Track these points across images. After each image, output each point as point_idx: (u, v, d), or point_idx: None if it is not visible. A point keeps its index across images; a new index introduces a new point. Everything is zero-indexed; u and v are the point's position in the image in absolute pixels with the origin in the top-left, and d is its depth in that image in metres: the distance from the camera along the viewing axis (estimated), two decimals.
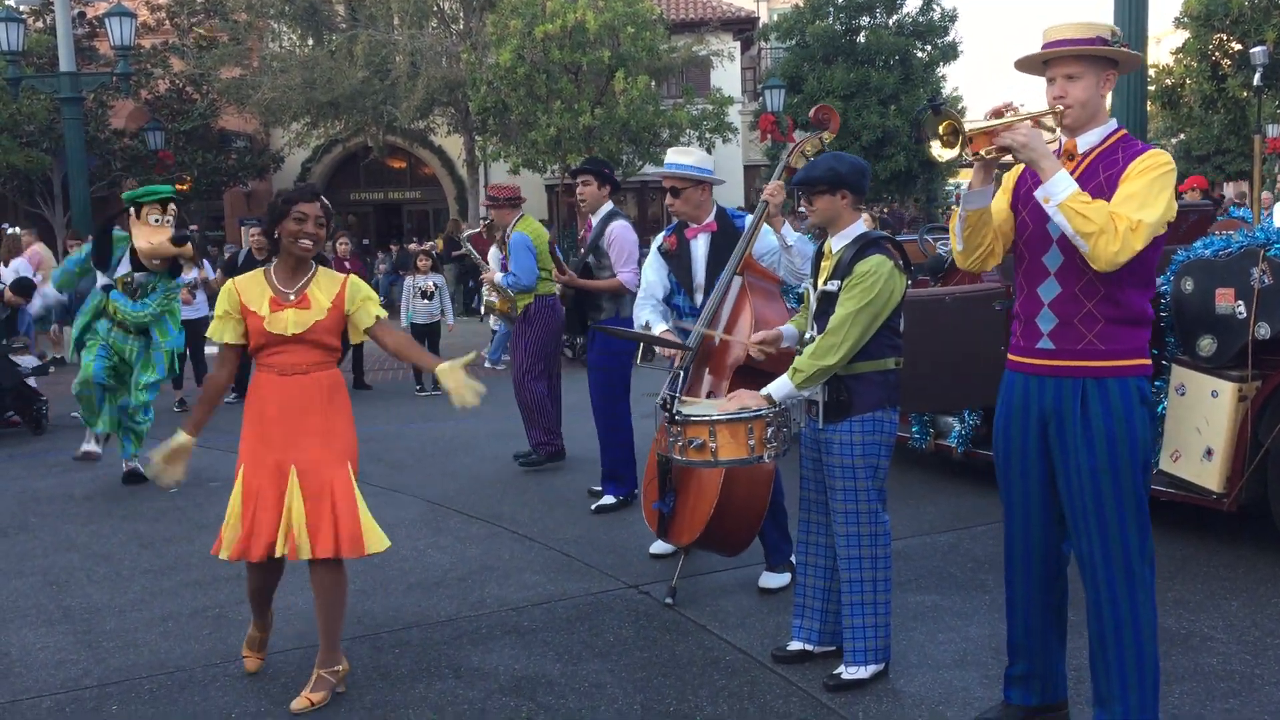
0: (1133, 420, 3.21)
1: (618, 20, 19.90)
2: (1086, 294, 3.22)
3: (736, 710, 3.82)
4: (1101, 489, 3.23)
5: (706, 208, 5.28)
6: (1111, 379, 3.22)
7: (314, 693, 3.95)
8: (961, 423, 6.60)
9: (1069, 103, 3.23)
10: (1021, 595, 3.52)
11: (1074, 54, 3.20)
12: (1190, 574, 5.04)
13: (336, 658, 4.04)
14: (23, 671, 4.35)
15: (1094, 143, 3.28)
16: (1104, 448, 3.21)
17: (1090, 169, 3.24)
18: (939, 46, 27.64)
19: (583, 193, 6.65)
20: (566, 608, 4.90)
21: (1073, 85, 3.23)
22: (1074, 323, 3.25)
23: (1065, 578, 3.51)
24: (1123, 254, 3.05)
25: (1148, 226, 3.05)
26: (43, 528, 6.51)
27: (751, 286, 4.84)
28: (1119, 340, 3.22)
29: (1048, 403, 3.31)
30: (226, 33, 24.85)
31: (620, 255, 6.52)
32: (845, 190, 3.93)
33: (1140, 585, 3.23)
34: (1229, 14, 25.33)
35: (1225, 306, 5.14)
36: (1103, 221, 3.05)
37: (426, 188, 31.04)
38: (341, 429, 4.06)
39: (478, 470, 7.77)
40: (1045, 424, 3.34)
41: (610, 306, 6.59)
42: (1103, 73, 3.24)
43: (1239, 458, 5.09)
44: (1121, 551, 3.23)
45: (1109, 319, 3.21)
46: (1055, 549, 3.46)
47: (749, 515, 4.77)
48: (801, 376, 3.84)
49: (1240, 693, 3.85)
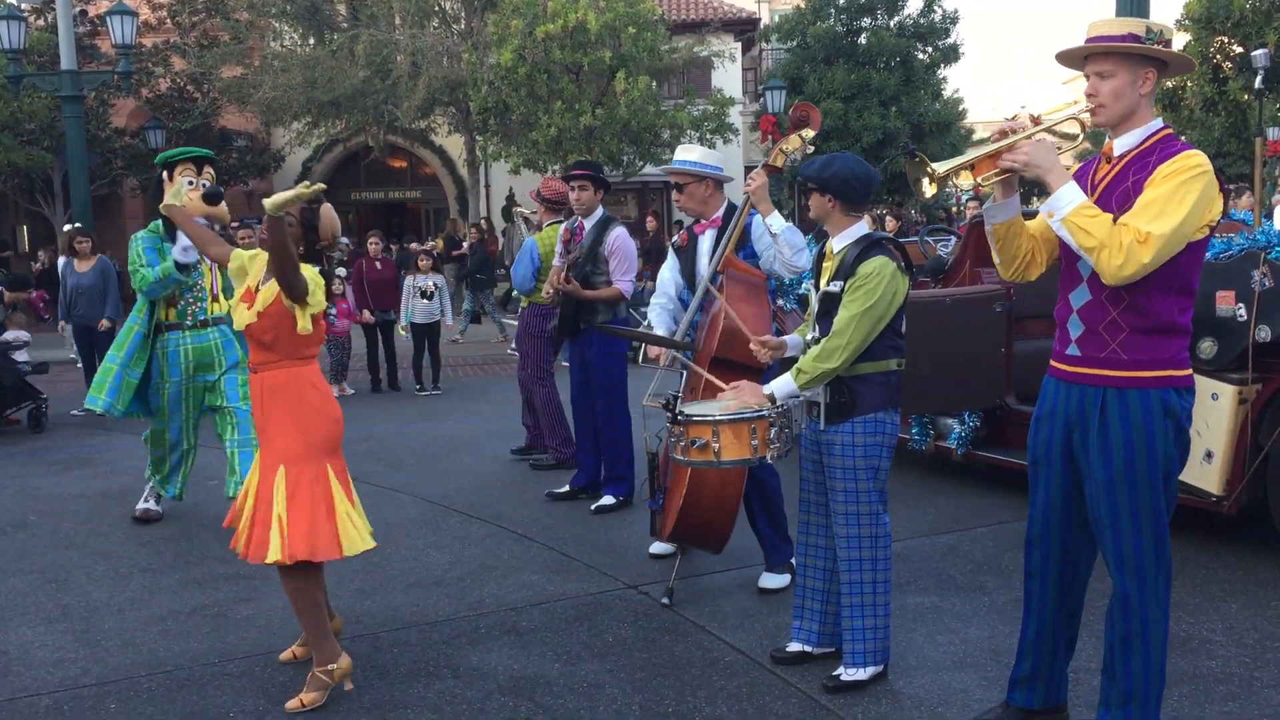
0: (1152, 432, 3.14)
1: (619, 20, 19.91)
2: (1112, 301, 3.15)
3: (735, 711, 3.82)
4: (1117, 500, 3.19)
5: (713, 204, 5.28)
6: (1132, 390, 3.15)
7: (306, 693, 3.93)
8: (961, 424, 6.59)
9: (1099, 100, 3.15)
10: (1038, 596, 3.50)
11: (1106, 50, 3.12)
12: (1190, 577, 5.04)
13: (325, 657, 3.97)
14: (21, 670, 4.35)
15: (1131, 144, 3.18)
16: (1120, 459, 3.17)
17: (1122, 173, 3.16)
18: (940, 48, 27.66)
19: (579, 197, 6.60)
20: (565, 608, 4.90)
21: (1104, 83, 3.14)
22: (1099, 330, 3.19)
23: (1084, 585, 3.49)
24: (1128, 268, 2.98)
25: (1159, 238, 2.95)
26: (41, 526, 6.51)
27: (730, 282, 4.85)
28: (1143, 350, 3.14)
29: (1072, 409, 3.28)
30: (228, 32, 24.86)
31: (622, 264, 6.49)
32: (830, 195, 3.91)
33: (1153, 596, 3.21)
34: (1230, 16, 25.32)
35: (1226, 309, 5.13)
36: (1104, 236, 2.99)
37: (427, 187, 31.06)
38: (277, 432, 3.93)
39: (477, 470, 7.77)
40: (1070, 430, 3.31)
41: (606, 311, 6.57)
42: (1140, 71, 3.12)
43: (1239, 460, 5.08)
44: (1135, 563, 3.20)
45: (1134, 328, 3.14)
46: (1076, 554, 3.42)
47: (722, 506, 4.76)
48: (805, 378, 3.83)
49: (1239, 695, 3.85)
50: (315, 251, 4.13)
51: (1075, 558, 3.43)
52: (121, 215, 25.92)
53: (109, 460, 8.44)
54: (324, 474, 3.95)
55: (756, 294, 4.87)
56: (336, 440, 4.06)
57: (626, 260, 6.51)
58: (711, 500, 4.73)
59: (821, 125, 5.31)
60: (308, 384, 3.99)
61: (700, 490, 4.71)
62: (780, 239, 4.79)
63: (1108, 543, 3.24)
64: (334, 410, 4.07)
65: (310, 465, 3.92)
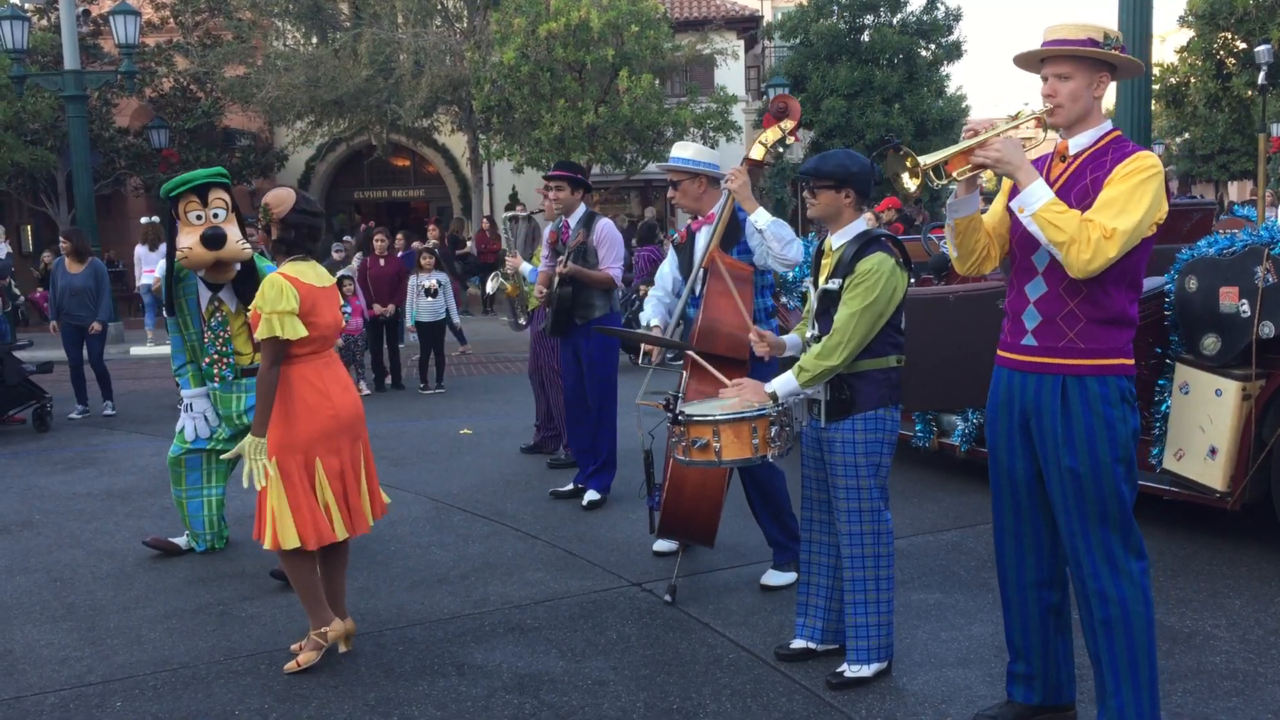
0: (1112, 418, 3.23)
1: (622, 18, 19.91)
2: (1069, 293, 3.25)
3: (739, 708, 3.82)
4: (1083, 487, 3.25)
5: (708, 200, 5.30)
6: (1091, 377, 3.24)
7: (302, 654, 4.23)
8: (965, 421, 6.59)
9: (1057, 101, 3.26)
10: (1016, 594, 3.52)
11: (1064, 54, 3.22)
12: (1193, 573, 5.04)
13: (319, 621, 4.25)
14: (27, 668, 4.36)
15: (1085, 144, 3.29)
16: (1084, 446, 3.23)
17: (1079, 171, 3.26)
18: (943, 45, 27.65)
19: (556, 197, 6.73)
20: (569, 605, 4.90)
21: (1062, 85, 3.25)
22: (1057, 321, 3.28)
23: (1064, 577, 3.50)
24: (1095, 262, 3.08)
25: (1122, 234, 3.07)
26: (47, 525, 6.52)
27: (714, 277, 4.88)
28: (1099, 340, 3.24)
29: (1029, 399, 3.35)
30: (231, 31, 24.88)
31: (611, 251, 6.57)
32: (850, 190, 3.92)
33: (1127, 580, 3.24)
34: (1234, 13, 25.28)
35: (1229, 305, 5.13)
36: (1074, 231, 3.09)
37: (430, 186, 31.06)
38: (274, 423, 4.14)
39: (481, 468, 7.78)
40: (1027, 419, 3.37)
41: (603, 305, 6.61)
42: (1095, 74, 3.24)
43: (1243, 457, 5.08)
44: (1104, 548, 3.25)
45: (1090, 319, 3.24)
46: (1048, 546, 3.45)
47: (705, 497, 4.80)
48: (807, 375, 3.84)
49: (1244, 691, 3.85)
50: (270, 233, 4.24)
51: (1049, 549, 3.46)
52: (125, 215, 25.97)
53: (114, 459, 8.46)
54: (311, 465, 4.16)
55: (741, 286, 4.88)
56: (329, 434, 4.19)
57: (615, 248, 6.59)
58: (693, 493, 4.78)
59: (824, 123, 5.33)
60: (300, 380, 4.16)
61: (682, 484, 4.78)
62: (767, 233, 4.80)
63: (1075, 530, 3.28)
64: (328, 408, 4.18)
65: (296, 456, 4.13)
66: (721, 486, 4.81)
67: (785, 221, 4.94)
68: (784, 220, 4.93)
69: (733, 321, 4.73)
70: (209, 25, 26.04)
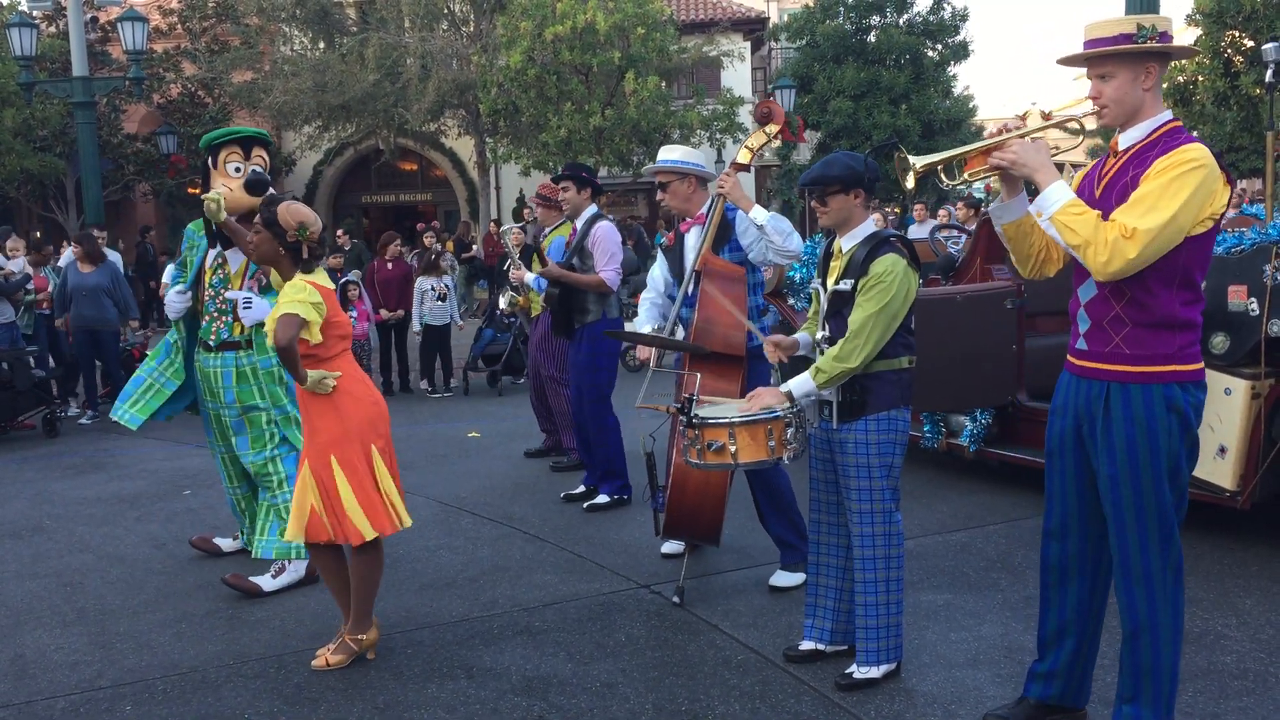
0: (1154, 428, 3.13)
1: (628, 21, 19.92)
2: (1115, 296, 3.16)
3: (748, 709, 3.82)
4: (1120, 495, 3.19)
5: (696, 201, 5.34)
6: (1135, 385, 3.15)
7: (333, 655, 4.26)
8: (974, 421, 6.58)
9: (1102, 103, 3.17)
10: (1056, 594, 3.48)
11: (1100, 55, 3.13)
12: (1204, 572, 5.02)
13: (362, 627, 4.30)
14: (37, 672, 4.38)
15: (1136, 139, 3.18)
16: (1124, 455, 3.17)
17: (1124, 168, 3.17)
18: (950, 46, 27.57)
19: (564, 198, 6.80)
20: (578, 608, 4.90)
21: (1105, 85, 3.15)
22: (1103, 325, 3.20)
23: (1107, 583, 3.45)
24: (1114, 264, 2.99)
25: (1145, 233, 2.95)
26: (57, 530, 6.54)
27: (707, 278, 4.93)
28: (1146, 345, 3.14)
29: (1081, 404, 3.29)
30: (238, 37, 24.96)
31: (604, 254, 6.60)
32: (859, 189, 3.92)
33: (1160, 592, 3.20)
34: (1241, 11, 25.20)
35: (1238, 304, 5.11)
36: (1088, 234, 3.01)
37: (438, 190, 31.11)
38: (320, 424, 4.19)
39: (489, 471, 7.78)
40: (1080, 424, 3.31)
41: (596, 308, 6.63)
42: (1140, 67, 3.12)
43: (1252, 455, 5.07)
44: (1140, 558, 3.20)
45: (1136, 323, 3.14)
46: (1094, 550, 3.40)
47: (708, 494, 4.81)
48: (824, 377, 3.83)
49: (1255, 691, 3.84)
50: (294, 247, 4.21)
51: (1095, 554, 3.41)
52: (134, 220, 26.06)
53: (123, 464, 8.48)
54: (369, 453, 4.22)
55: (733, 287, 4.92)
56: (375, 420, 4.27)
57: (609, 252, 6.62)
58: (696, 491, 4.80)
59: (831, 124, 5.39)
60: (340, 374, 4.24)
61: (684, 484, 4.79)
62: (767, 228, 4.85)
63: (1113, 538, 3.24)
64: (370, 394, 4.32)
65: (354, 445, 4.18)
66: (724, 483, 4.83)
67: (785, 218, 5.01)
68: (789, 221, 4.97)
69: (727, 321, 4.80)
70: (216, 31, 26.16)
